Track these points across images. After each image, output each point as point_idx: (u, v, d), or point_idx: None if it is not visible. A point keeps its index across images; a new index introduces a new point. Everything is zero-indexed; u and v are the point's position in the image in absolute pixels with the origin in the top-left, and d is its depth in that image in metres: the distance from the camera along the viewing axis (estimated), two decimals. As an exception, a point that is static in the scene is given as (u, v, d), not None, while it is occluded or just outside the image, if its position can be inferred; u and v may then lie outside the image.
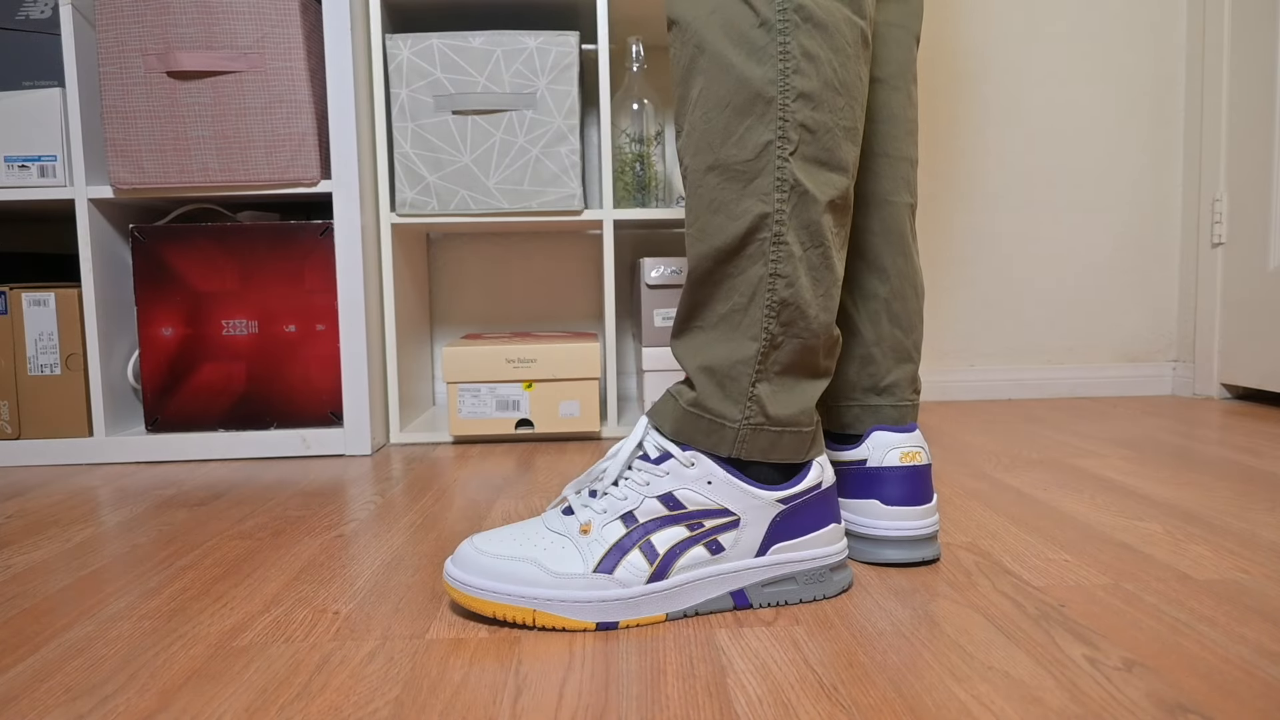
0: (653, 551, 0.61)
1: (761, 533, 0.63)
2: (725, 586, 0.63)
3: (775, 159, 0.61)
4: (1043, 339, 1.65)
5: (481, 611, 0.60)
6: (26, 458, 1.20)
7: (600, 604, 0.60)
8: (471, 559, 0.61)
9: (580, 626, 0.59)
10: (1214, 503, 0.87)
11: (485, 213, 1.26)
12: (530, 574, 0.60)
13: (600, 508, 0.62)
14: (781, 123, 0.60)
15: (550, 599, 0.59)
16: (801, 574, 0.64)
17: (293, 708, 0.49)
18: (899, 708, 0.48)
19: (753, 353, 0.62)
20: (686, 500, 0.62)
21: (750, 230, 0.61)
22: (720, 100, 0.61)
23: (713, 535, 0.62)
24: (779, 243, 0.61)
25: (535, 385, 1.27)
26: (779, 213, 0.61)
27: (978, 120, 1.61)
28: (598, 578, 0.60)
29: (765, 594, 0.64)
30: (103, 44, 1.15)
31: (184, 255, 1.21)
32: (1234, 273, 1.52)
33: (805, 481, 0.64)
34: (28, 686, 0.53)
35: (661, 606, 0.61)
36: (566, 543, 0.61)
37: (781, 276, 0.62)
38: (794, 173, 0.61)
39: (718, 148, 0.62)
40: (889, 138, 0.74)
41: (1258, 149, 1.45)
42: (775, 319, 0.62)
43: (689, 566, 0.62)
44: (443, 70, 1.23)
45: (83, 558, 0.78)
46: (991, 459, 1.10)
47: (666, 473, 0.62)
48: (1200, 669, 0.51)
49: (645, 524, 0.61)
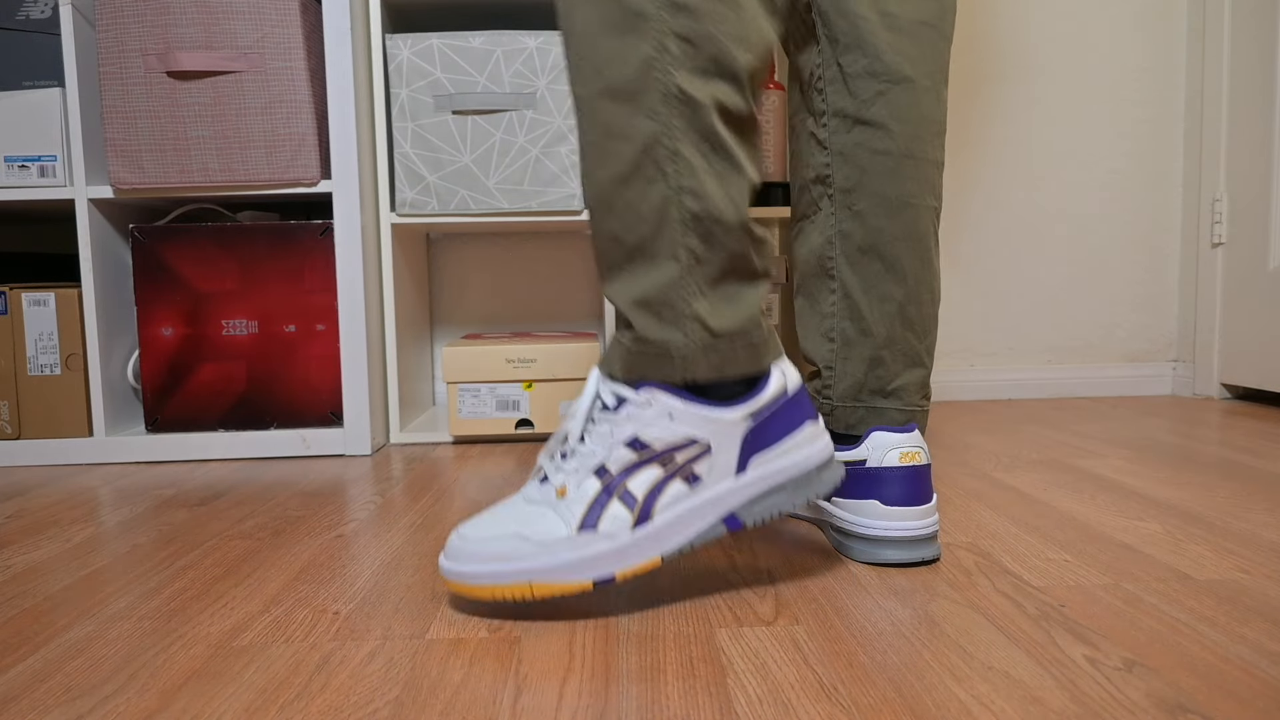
0: (631, 498, 0.60)
1: (735, 452, 0.62)
2: (714, 514, 0.62)
3: (657, 73, 0.59)
4: (1043, 339, 1.65)
5: (480, 597, 0.60)
6: (26, 458, 1.20)
7: (591, 560, 0.59)
8: (460, 548, 0.61)
9: (578, 588, 0.59)
10: (1214, 503, 0.87)
11: (485, 213, 1.26)
12: (516, 548, 0.59)
13: (572, 467, 0.62)
14: (659, 35, 0.59)
15: (541, 568, 0.59)
16: (789, 481, 0.63)
17: (293, 708, 0.49)
18: (899, 708, 0.48)
19: (676, 274, 0.61)
20: (653, 439, 0.61)
21: (645, 149, 0.60)
22: (602, 22, 0.60)
23: (687, 467, 0.61)
24: (676, 157, 0.60)
25: (535, 385, 1.27)
26: (669, 127, 0.60)
27: (977, 119, 1.61)
28: (582, 536, 0.59)
29: (756, 511, 0.62)
30: (103, 44, 1.15)
31: (184, 255, 1.21)
32: (1234, 273, 1.52)
33: (769, 391, 0.62)
34: (28, 686, 0.53)
35: (653, 549, 0.60)
36: (546, 510, 0.61)
37: (686, 190, 0.60)
38: (678, 84, 0.60)
39: (604, 71, 0.60)
40: (915, 139, 0.73)
41: (1258, 149, 1.45)
42: (693, 233, 0.61)
43: (671, 504, 0.61)
44: (443, 70, 1.23)
45: (83, 558, 0.78)
46: (991, 459, 1.10)
47: (627, 418, 0.61)
48: (1200, 669, 0.51)
49: (619, 473, 0.61)
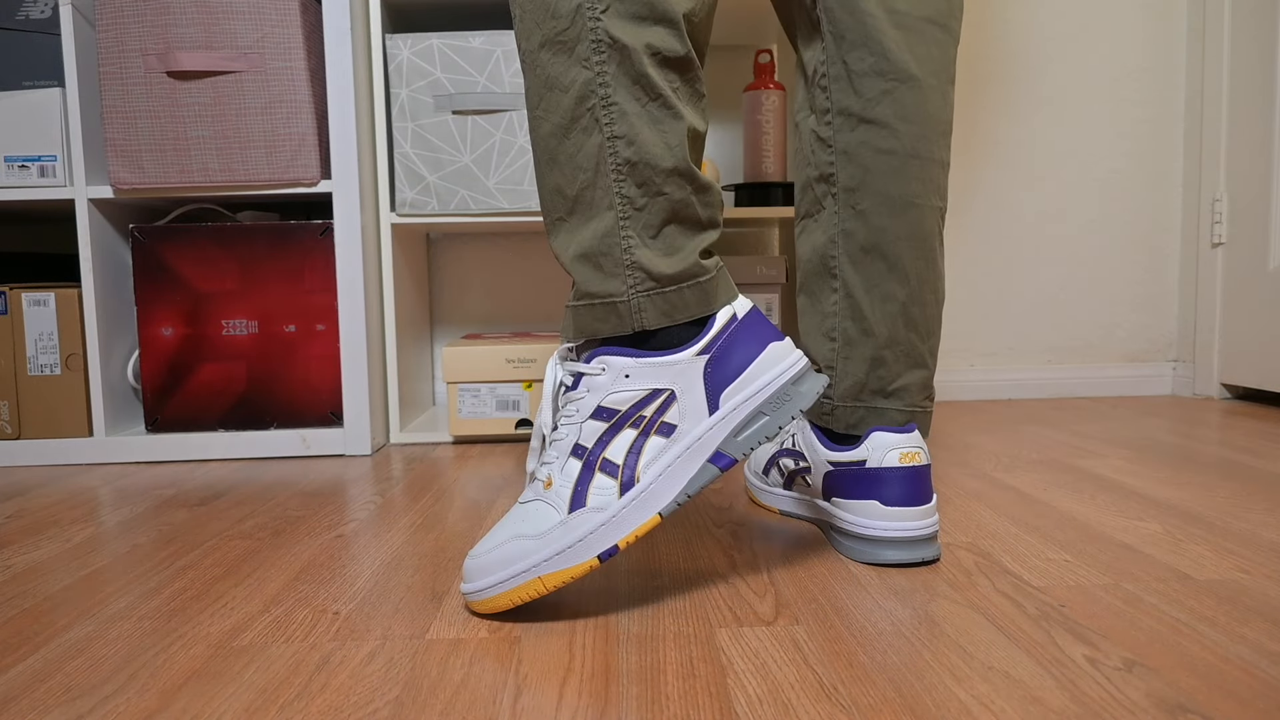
0: (612, 466, 0.60)
1: (702, 391, 0.62)
2: (699, 458, 0.61)
3: (588, 20, 0.60)
4: (1043, 339, 1.65)
5: (502, 606, 0.60)
6: (26, 458, 1.20)
7: (588, 539, 0.59)
8: (472, 568, 0.61)
9: (585, 569, 0.59)
10: (1214, 503, 0.87)
11: (485, 213, 1.26)
12: (518, 549, 0.60)
13: (551, 456, 0.62)
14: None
15: (544, 560, 0.59)
16: (765, 403, 0.62)
17: (293, 708, 0.49)
18: (899, 708, 0.48)
19: (612, 222, 0.61)
20: (617, 403, 0.61)
21: (580, 98, 0.60)
22: None
23: (657, 419, 0.61)
24: (608, 104, 0.60)
25: (535, 385, 1.27)
26: (601, 74, 0.60)
27: (977, 119, 1.61)
28: (574, 516, 0.60)
29: (740, 442, 0.62)
30: (103, 44, 1.15)
31: (184, 255, 1.21)
32: (1234, 273, 1.52)
33: (716, 324, 0.62)
34: (28, 686, 0.53)
35: (649, 509, 0.60)
36: (539, 504, 0.61)
37: (619, 137, 0.60)
38: (607, 30, 0.60)
39: (544, 23, 0.61)
40: (921, 139, 0.72)
41: (1258, 149, 1.45)
42: (628, 179, 0.61)
43: (653, 460, 0.61)
44: (443, 70, 1.23)
45: (83, 558, 0.78)
46: (991, 459, 1.10)
47: (587, 390, 0.62)
48: (1200, 669, 0.51)
49: (594, 445, 0.61)
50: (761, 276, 1.33)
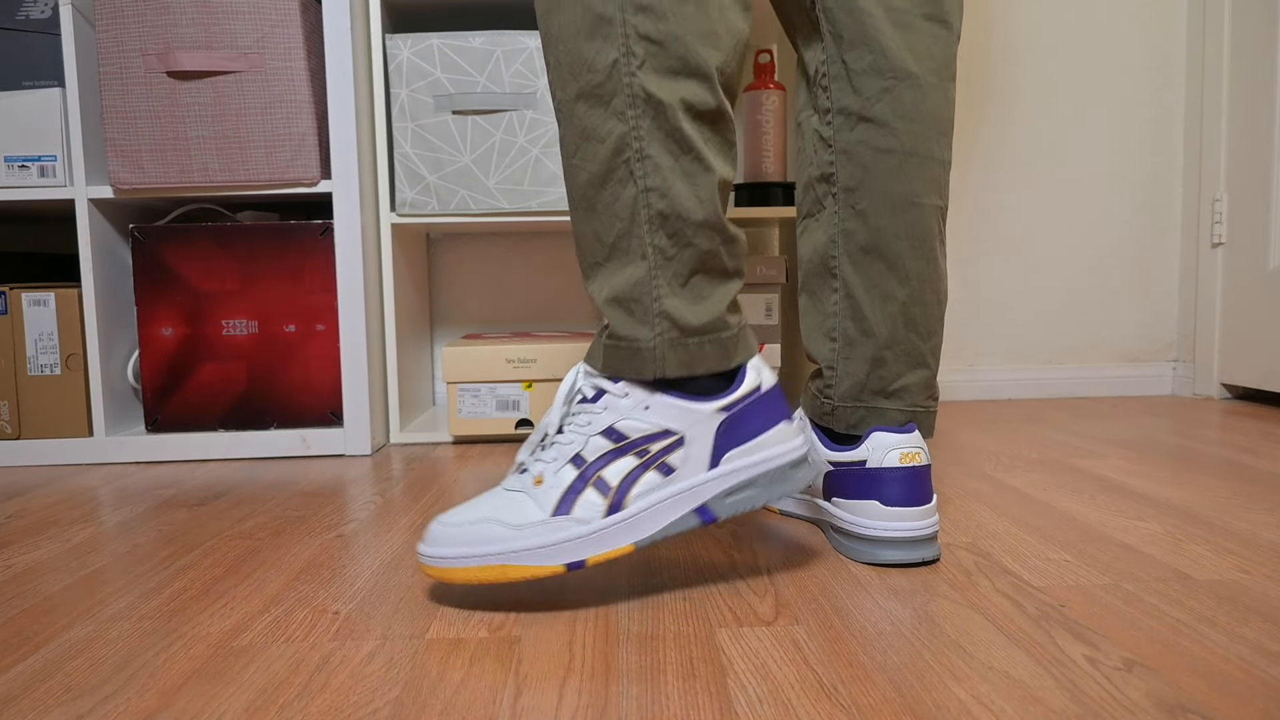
0: (605, 485, 0.62)
1: (709, 445, 0.63)
2: (686, 505, 0.63)
3: (623, 76, 0.61)
4: (1043, 339, 1.65)
5: (455, 580, 0.62)
6: (26, 458, 1.20)
7: (563, 545, 0.61)
8: (438, 534, 0.63)
9: (550, 571, 0.61)
10: (1214, 503, 0.87)
11: (485, 213, 1.26)
12: (491, 532, 0.61)
13: (550, 457, 0.63)
14: (625, 39, 0.61)
15: (515, 550, 0.61)
16: (760, 476, 0.64)
17: (293, 708, 0.49)
18: (899, 708, 0.48)
19: (645, 272, 0.63)
20: (628, 430, 0.63)
21: (616, 150, 0.62)
22: (573, 28, 0.62)
23: (660, 458, 0.63)
24: (643, 157, 0.62)
25: (535, 385, 1.27)
26: (636, 128, 0.61)
27: (977, 120, 1.61)
28: (556, 520, 0.61)
29: (728, 504, 0.64)
30: (103, 44, 1.15)
31: (184, 255, 1.21)
32: (1234, 273, 1.52)
33: (743, 386, 0.64)
34: (28, 686, 0.53)
35: (626, 537, 0.62)
36: (523, 497, 0.63)
37: (653, 189, 0.62)
38: (643, 85, 0.61)
39: (579, 75, 0.62)
40: (920, 137, 0.72)
41: (1258, 149, 1.45)
42: (660, 231, 0.62)
43: (644, 493, 0.62)
44: (443, 70, 1.23)
45: (83, 558, 0.78)
46: (991, 459, 1.10)
47: (605, 408, 0.63)
48: (1200, 669, 0.51)
49: (594, 461, 0.62)
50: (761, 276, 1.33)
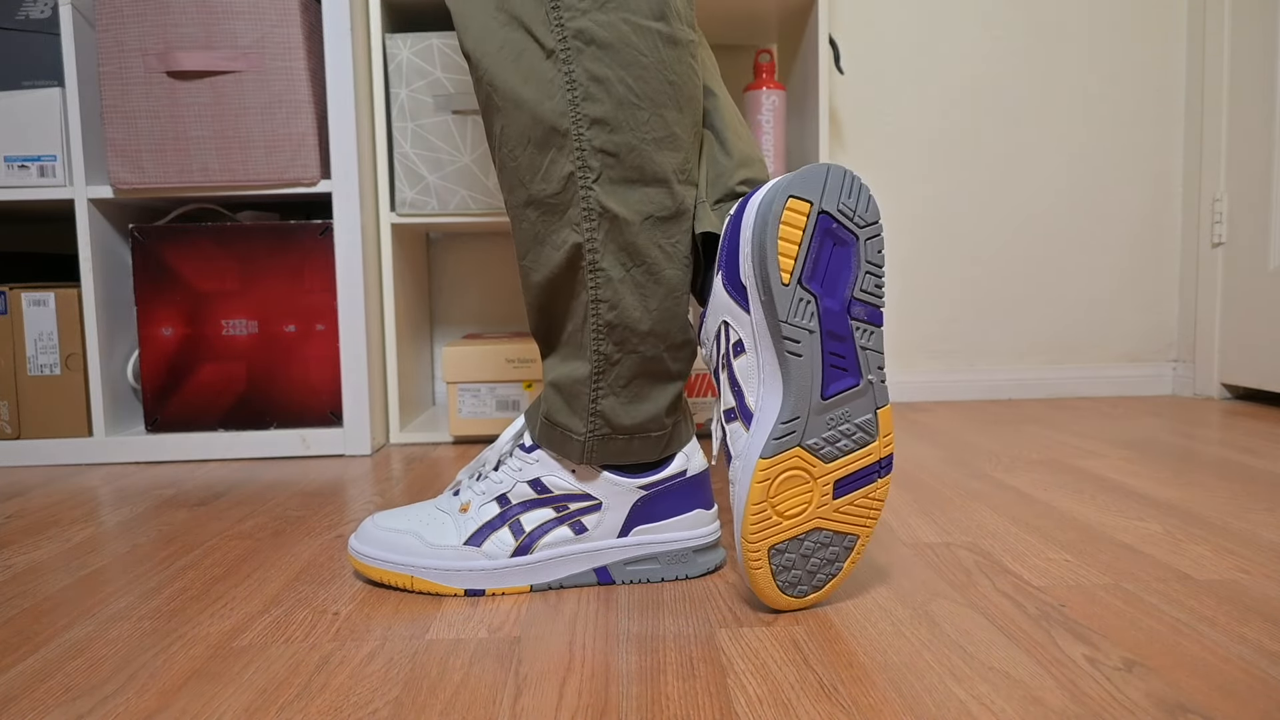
0: (519, 529, 0.67)
1: (623, 516, 0.68)
2: (589, 563, 0.68)
3: (579, 189, 0.62)
4: (1043, 339, 1.65)
5: (369, 576, 0.68)
6: (26, 458, 1.20)
7: (468, 573, 0.66)
8: (368, 532, 0.68)
9: (451, 591, 0.66)
10: (1214, 503, 0.87)
11: (485, 213, 1.26)
12: (410, 545, 0.67)
13: (480, 489, 0.68)
14: (579, 152, 0.61)
15: (425, 567, 0.66)
16: (663, 554, 0.68)
17: (293, 708, 0.49)
18: (899, 708, 0.48)
19: (587, 373, 0.65)
20: (553, 486, 0.67)
21: (570, 260, 0.63)
22: (521, 137, 0.62)
23: (576, 517, 0.67)
24: (595, 269, 0.63)
25: (535, 385, 1.27)
26: (591, 240, 0.62)
27: (977, 121, 1.61)
28: (467, 549, 0.66)
29: (628, 572, 0.68)
30: (102, 44, 1.15)
31: (184, 255, 1.21)
32: (1234, 273, 1.52)
33: (667, 470, 0.68)
34: (28, 686, 0.53)
35: (525, 578, 0.67)
36: (447, 519, 0.68)
37: (603, 301, 0.63)
38: (599, 200, 0.61)
39: (529, 183, 0.63)
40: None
41: (1258, 149, 1.45)
42: (606, 339, 0.64)
43: (553, 544, 0.67)
44: (443, 70, 1.23)
45: (83, 558, 0.78)
46: (991, 459, 1.10)
47: (536, 460, 0.67)
48: (1200, 669, 0.51)
49: (516, 505, 0.67)
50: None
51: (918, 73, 1.60)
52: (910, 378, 1.62)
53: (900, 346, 1.64)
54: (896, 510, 0.87)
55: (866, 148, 1.60)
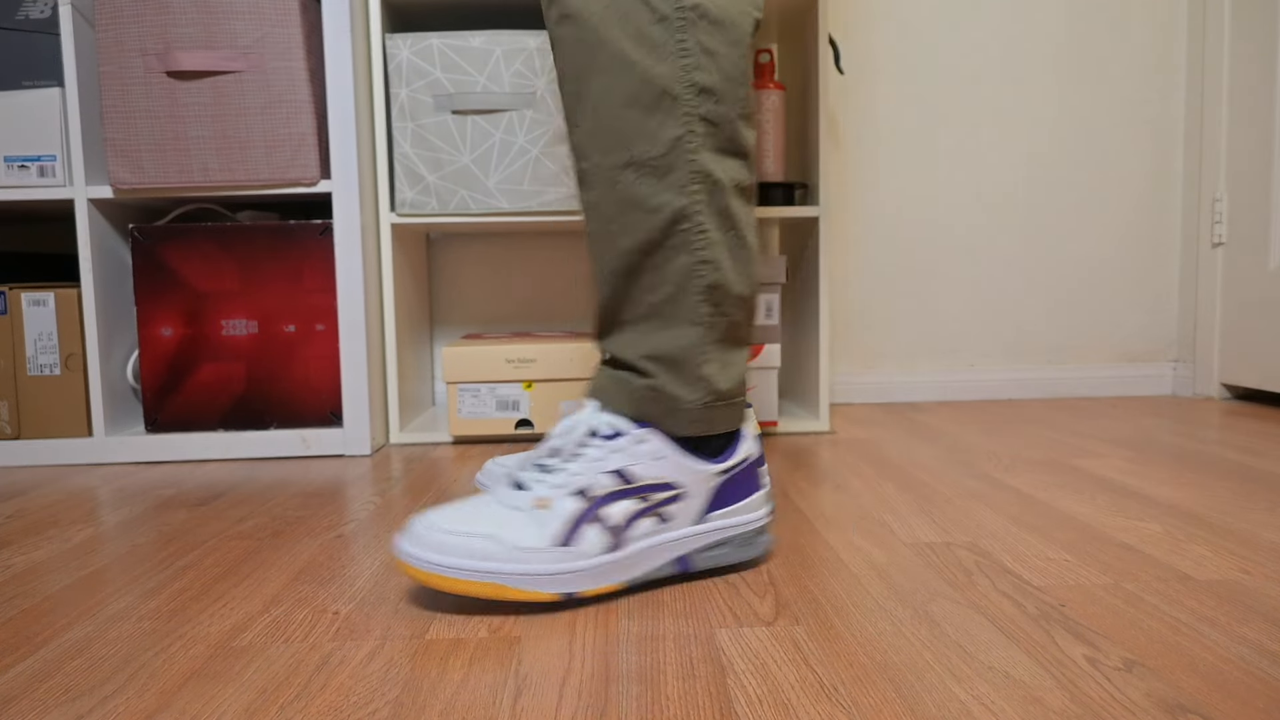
0: (609, 524, 0.63)
1: (702, 502, 0.67)
2: (672, 553, 0.66)
3: (686, 153, 0.63)
4: (1043, 339, 1.65)
5: (443, 588, 0.61)
6: (26, 458, 1.20)
7: (563, 576, 0.61)
8: (429, 537, 0.61)
9: (544, 598, 0.61)
10: (1214, 503, 0.87)
11: (485, 213, 1.26)
12: (493, 549, 0.61)
13: (555, 482, 0.64)
14: (687, 117, 0.63)
15: (513, 573, 0.60)
16: (734, 538, 0.69)
17: (293, 708, 0.49)
18: (899, 708, 0.48)
19: (695, 339, 0.66)
20: (636, 475, 0.64)
21: (672, 222, 0.64)
22: (628, 98, 0.63)
23: (660, 507, 0.65)
24: (701, 231, 0.64)
25: (535, 385, 1.27)
26: (696, 203, 0.64)
27: (977, 121, 1.61)
28: (558, 550, 0.62)
29: (704, 558, 0.68)
30: (102, 44, 1.15)
31: (184, 255, 1.21)
32: (1234, 273, 1.52)
33: (738, 454, 0.69)
34: (28, 686, 0.53)
35: (619, 575, 0.64)
36: (523, 517, 0.62)
37: (708, 262, 0.65)
38: (704, 164, 0.64)
39: (631, 144, 0.63)
40: None
41: (1258, 149, 1.45)
42: (707, 302, 0.65)
43: (641, 536, 0.65)
44: (443, 70, 1.23)
45: (83, 558, 0.78)
46: (991, 459, 1.10)
47: (619, 449, 0.65)
48: (1200, 669, 0.51)
49: (599, 498, 0.63)
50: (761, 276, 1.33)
51: (917, 73, 1.60)
52: (910, 378, 1.62)
53: (900, 346, 1.64)
54: (896, 510, 0.87)
55: (866, 148, 1.60)
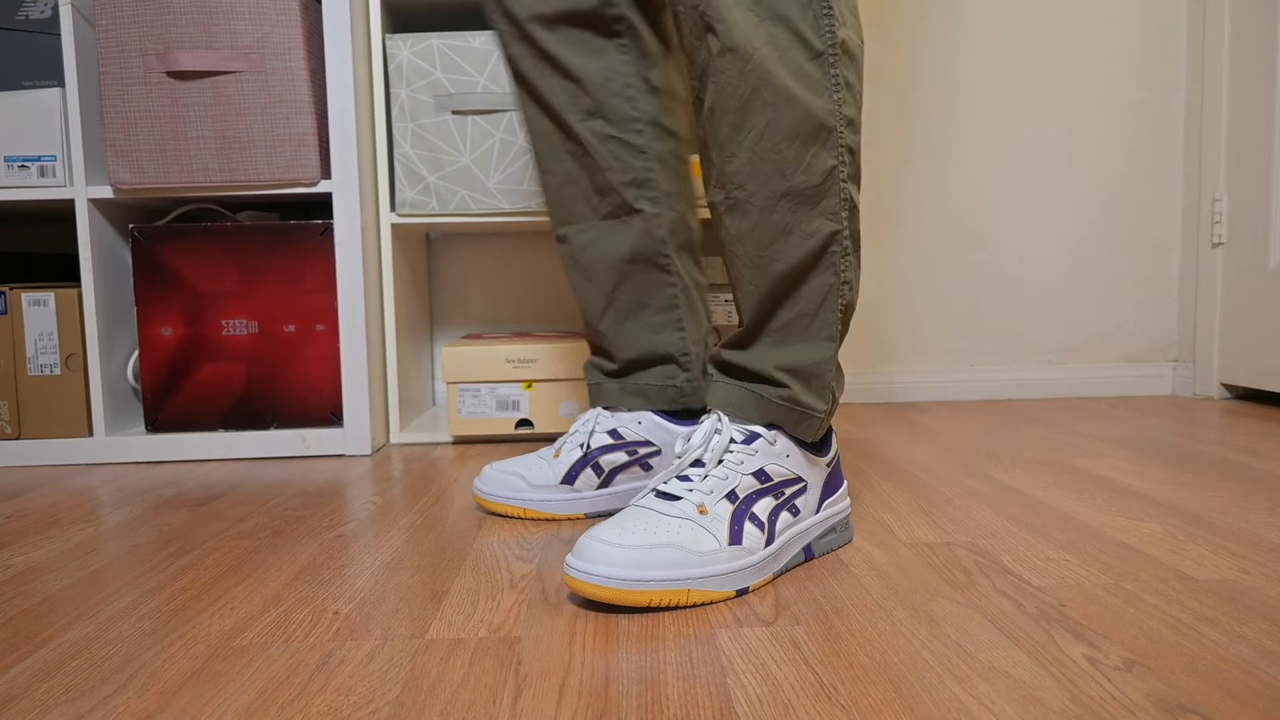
0: (759, 520, 0.68)
1: (819, 493, 0.73)
2: (802, 543, 0.72)
3: (838, 181, 0.68)
4: (1043, 339, 1.65)
5: (638, 604, 0.62)
6: (26, 458, 1.20)
7: (739, 573, 0.65)
8: (609, 554, 0.62)
9: (724, 596, 0.64)
10: (1214, 503, 0.87)
11: (485, 213, 1.26)
12: (679, 557, 0.63)
13: (706, 489, 0.67)
14: (839, 149, 0.67)
15: (701, 576, 0.63)
16: (838, 524, 0.75)
17: (293, 708, 0.49)
18: (899, 708, 0.48)
19: (832, 353, 0.71)
20: (774, 473, 0.70)
21: (823, 246, 0.68)
22: (789, 132, 0.66)
23: (792, 500, 0.70)
24: (846, 255, 0.69)
25: (535, 385, 1.27)
26: (844, 228, 0.69)
27: (978, 121, 1.61)
28: (733, 549, 0.65)
29: (821, 545, 0.74)
30: (102, 44, 1.15)
31: (184, 255, 1.21)
32: (1234, 273, 1.52)
33: (834, 448, 0.76)
34: (28, 686, 0.53)
35: (772, 568, 0.68)
36: (691, 524, 0.65)
37: (847, 283, 0.70)
38: (850, 192, 0.69)
39: (790, 175, 0.67)
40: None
41: (1258, 149, 1.45)
42: (841, 320, 0.71)
43: (784, 529, 0.69)
44: (443, 70, 1.23)
45: (83, 558, 0.78)
46: (991, 459, 1.10)
47: (756, 451, 0.69)
48: (1200, 669, 0.51)
49: (746, 497, 0.68)
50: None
51: (917, 73, 1.60)
52: (910, 378, 1.62)
53: (900, 346, 1.64)
54: (896, 510, 0.87)
55: (865, 148, 1.60)
